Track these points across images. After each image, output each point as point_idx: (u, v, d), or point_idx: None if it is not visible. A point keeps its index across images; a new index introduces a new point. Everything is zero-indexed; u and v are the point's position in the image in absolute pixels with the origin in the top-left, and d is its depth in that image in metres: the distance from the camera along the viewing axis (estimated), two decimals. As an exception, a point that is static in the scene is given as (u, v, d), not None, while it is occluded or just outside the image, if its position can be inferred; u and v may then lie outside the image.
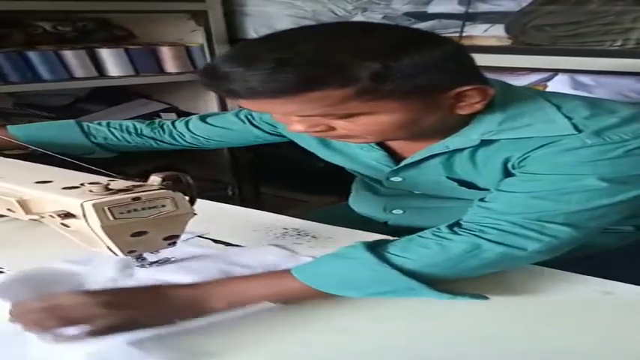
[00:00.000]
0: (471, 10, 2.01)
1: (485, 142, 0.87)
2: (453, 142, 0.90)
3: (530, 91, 0.91)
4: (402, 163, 0.98)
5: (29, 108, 2.43)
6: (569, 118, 0.82)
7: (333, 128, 0.83)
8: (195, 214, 0.78)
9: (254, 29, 2.48)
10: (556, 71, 1.92)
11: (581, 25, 1.82)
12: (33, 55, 2.11)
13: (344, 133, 0.84)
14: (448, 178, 0.96)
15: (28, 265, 0.91)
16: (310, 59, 0.73)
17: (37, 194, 0.78)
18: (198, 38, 2.42)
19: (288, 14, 2.37)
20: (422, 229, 0.85)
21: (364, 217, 1.18)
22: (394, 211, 1.12)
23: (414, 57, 0.74)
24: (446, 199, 1.04)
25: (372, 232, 1.03)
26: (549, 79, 1.92)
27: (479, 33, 1.95)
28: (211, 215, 1.09)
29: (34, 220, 0.79)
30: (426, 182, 1.00)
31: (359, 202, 1.20)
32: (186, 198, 0.77)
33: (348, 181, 1.23)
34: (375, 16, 2.19)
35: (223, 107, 2.50)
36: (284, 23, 2.39)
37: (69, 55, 2.17)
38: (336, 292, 0.81)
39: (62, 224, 0.76)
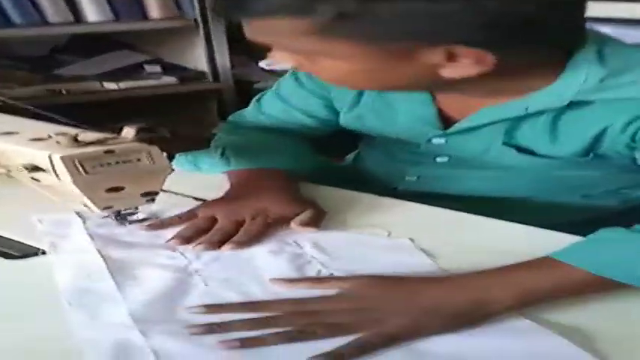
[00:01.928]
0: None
1: (574, 105, 0.77)
2: (534, 102, 0.78)
3: (635, 46, 0.81)
4: (462, 126, 0.86)
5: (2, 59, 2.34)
6: None
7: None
8: (172, 169, 0.74)
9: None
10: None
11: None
12: (2, -4, 2.02)
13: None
14: (504, 144, 0.85)
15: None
16: None
17: (2, 146, 0.75)
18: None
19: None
20: (433, 196, 0.82)
21: (365, 180, 1.08)
22: (407, 178, 1.01)
23: None
24: (469, 169, 0.94)
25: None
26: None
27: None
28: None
29: (3, 173, 0.77)
30: (473, 147, 0.89)
31: (367, 165, 1.10)
32: (164, 153, 0.73)
33: (338, 141, 1.14)
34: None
35: (211, 58, 2.39)
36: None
37: (42, -4, 2.07)
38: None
39: (32, 178, 0.73)
